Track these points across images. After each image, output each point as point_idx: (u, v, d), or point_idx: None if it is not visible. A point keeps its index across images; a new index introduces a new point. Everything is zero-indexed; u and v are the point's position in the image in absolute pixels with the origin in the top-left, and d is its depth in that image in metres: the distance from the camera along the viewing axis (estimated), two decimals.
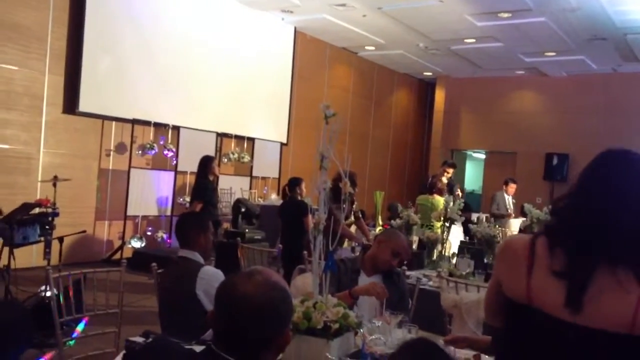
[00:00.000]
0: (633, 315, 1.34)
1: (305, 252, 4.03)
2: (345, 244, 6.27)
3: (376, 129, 14.04)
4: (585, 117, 12.98)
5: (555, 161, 13.21)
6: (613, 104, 12.67)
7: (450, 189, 7.64)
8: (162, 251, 8.38)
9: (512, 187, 9.41)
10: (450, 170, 8.14)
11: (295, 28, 11.08)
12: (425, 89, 15.74)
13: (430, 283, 3.90)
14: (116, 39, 8.11)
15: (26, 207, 4.96)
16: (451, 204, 4.64)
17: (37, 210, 5.52)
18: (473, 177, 16.19)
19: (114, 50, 8.10)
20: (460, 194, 8.09)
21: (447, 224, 4.79)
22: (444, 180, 7.53)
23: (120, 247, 8.26)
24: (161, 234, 8.72)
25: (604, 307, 1.36)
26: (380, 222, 9.00)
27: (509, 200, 9.33)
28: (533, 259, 1.45)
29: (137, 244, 8.33)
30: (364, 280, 2.97)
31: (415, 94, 15.59)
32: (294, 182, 6.65)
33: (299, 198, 6.47)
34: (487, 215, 9.32)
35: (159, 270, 3.13)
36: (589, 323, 1.37)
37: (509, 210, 9.20)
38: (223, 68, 9.73)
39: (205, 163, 6.43)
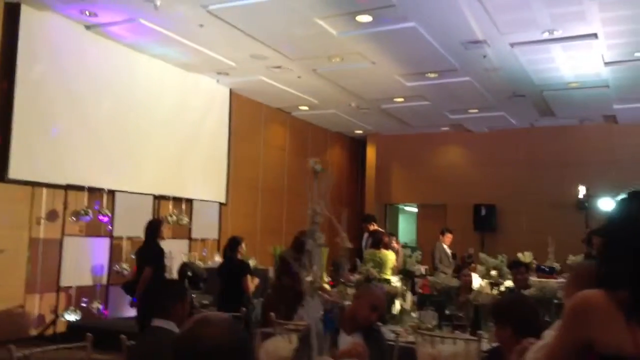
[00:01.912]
0: None
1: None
2: None
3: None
4: (508, 169, 13.69)
5: (483, 212, 13.73)
6: (532, 156, 13.47)
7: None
8: (99, 323, 7.94)
9: (448, 237, 9.65)
10: (373, 225, 8.29)
11: (230, 89, 11.16)
12: (356, 147, 16.14)
13: (400, 338, 3.88)
14: (48, 103, 7.84)
15: None
16: (410, 256, 4.70)
17: None
18: (406, 230, 16.53)
19: (46, 115, 7.82)
20: (396, 246, 8.25)
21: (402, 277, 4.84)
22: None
23: (53, 321, 7.74)
24: (97, 305, 8.24)
25: None
26: (326, 279, 8.94)
27: (447, 250, 9.54)
28: (630, 314, 1.49)
29: (71, 316, 7.84)
30: (344, 339, 2.92)
31: (348, 152, 15.94)
32: (234, 242, 6.58)
33: (239, 257, 6.42)
34: (427, 267, 9.48)
35: (129, 343, 2.95)
36: None
37: (450, 259, 9.38)
38: (159, 130, 9.59)
39: (155, 227, 6.24)
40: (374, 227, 8.12)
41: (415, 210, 15.93)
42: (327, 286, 6.54)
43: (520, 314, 2.46)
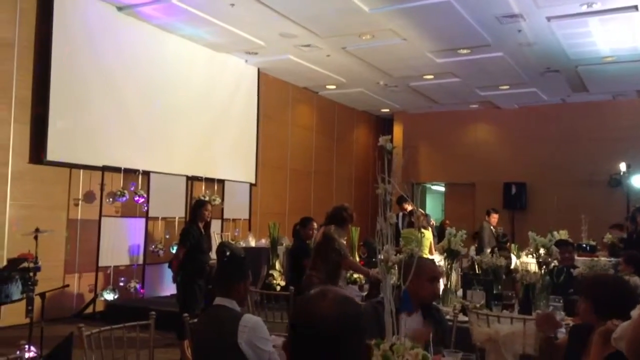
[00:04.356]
0: None
1: None
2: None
3: (339, 166, 14.14)
4: (539, 146, 13.48)
5: (513, 190, 13.58)
6: (564, 132, 13.24)
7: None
8: (136, 302, 8.07)
9: (494, 217, 9.46)
10: (407, 205, 8.28)
11: (258, 69, 11.12)
12: (383, 125, 16.02)
13: (448, 317, 3.85)
14: (83, 86, 7.90)
15: (14, 262, 4.66)
16: (455, 236, 4.66)
17: None
18: (433, 209, 16.44)
19: (82, 97, 7.88)
20: (433, 223, 8.21)
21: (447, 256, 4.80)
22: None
23: (93, 300, 7.88)
24: (134, 284, 8.36)
25: None
26: (357, 259, 8.97)
27: (493, 231, 9.36)
28: None
29: (109, 296, 7.97)
30: (405, 318, 2.90)
31: (374, 130, 15.84)
32: (304, 220, 6.70)
33: (309, 238, 6.48)
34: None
35: (192, 321, 2.98)
36: None
37: (495, 241, 9.20)
38: (189, 110, 9.62)
39: (194, 208, 6.29)
40: (411, 206, 8.12)
41: (443, 189, 15.81)
42: None
43: (603, 292, 2.44)
